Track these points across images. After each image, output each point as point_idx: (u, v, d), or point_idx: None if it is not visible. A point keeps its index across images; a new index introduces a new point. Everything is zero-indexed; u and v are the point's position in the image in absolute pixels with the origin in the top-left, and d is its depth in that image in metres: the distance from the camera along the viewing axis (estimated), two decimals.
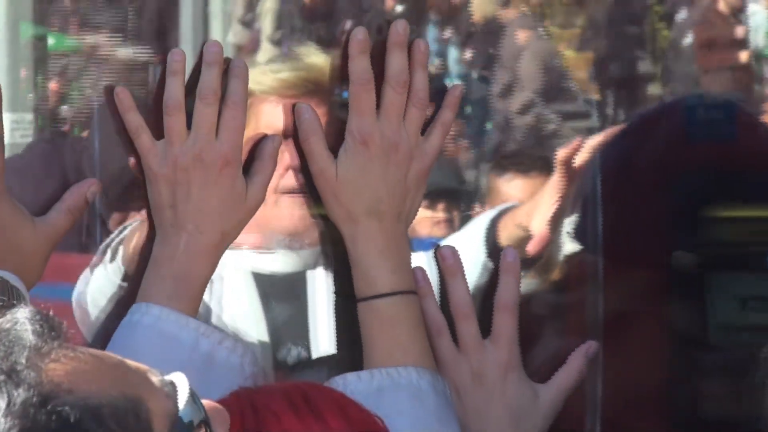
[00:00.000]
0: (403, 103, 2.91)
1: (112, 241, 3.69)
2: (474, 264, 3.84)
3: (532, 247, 3.82)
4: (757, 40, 17.56)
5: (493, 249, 3.88)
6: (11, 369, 1.89)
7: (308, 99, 3.21)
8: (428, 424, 2.75)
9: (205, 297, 3.58)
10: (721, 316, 3.52)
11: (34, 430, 1.90)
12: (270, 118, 3.48)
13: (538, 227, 3.87)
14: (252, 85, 3.05)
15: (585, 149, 4.11)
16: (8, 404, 1.87)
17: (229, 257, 3.08)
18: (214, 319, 3.80)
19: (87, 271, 3.89)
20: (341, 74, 2.93)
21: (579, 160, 4.07)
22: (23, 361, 1.90)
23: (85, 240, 3.74)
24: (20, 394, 1.87)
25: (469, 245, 3.89)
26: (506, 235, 3.87)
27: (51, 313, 2.02)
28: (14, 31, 4.26)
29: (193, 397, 1.98)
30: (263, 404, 2.25)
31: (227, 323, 3.79)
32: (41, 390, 1.89)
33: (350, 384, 2.79)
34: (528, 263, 3.71)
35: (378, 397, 2.74)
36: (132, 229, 3.08)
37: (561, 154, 4.10)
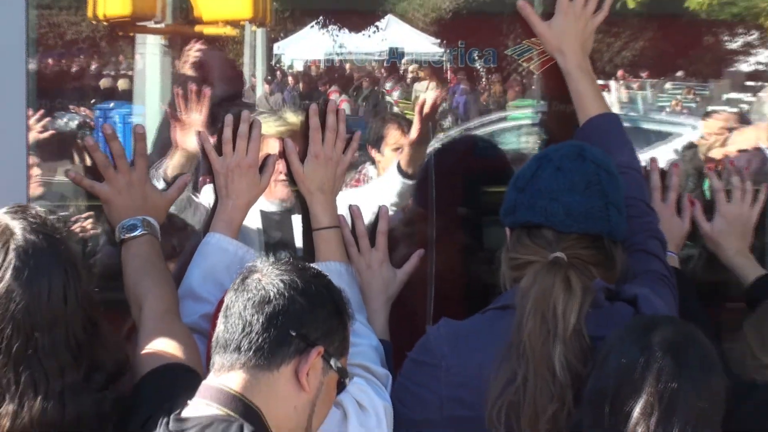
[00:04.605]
0: (334, 138, 2.88)
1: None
2: (393, 178, 3.80)
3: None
4: None
5: (401, 170, 3.81)
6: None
7: (293, 136, 3.14)
8: (346, 289, 2.70)
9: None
10: (487, 234, 3.50)
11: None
12: (272, 145, 3.36)
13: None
14: (265, 130, 3.05)
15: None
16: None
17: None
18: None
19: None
20: (306, 125, 2.89)
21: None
22: None
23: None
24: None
25: (392, 172, 3.85)
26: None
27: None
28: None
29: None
30: None
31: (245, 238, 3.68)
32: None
33: None
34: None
35: None
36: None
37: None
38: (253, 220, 3.60)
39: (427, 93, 3.78)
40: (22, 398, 2.08)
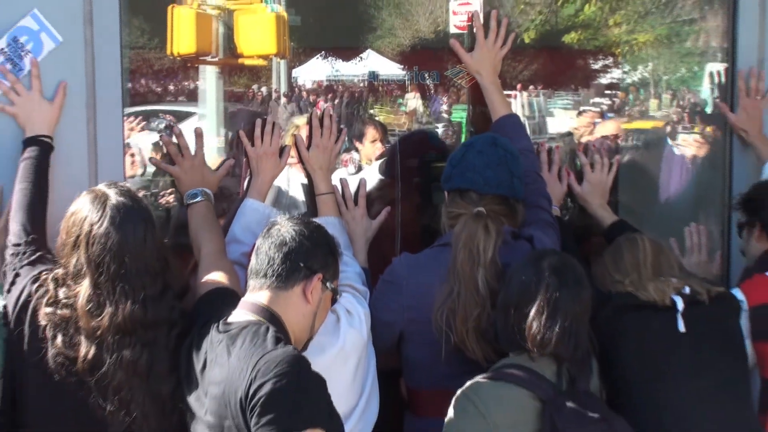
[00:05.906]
0: (329, 133, 2.78)
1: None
2: (375, 173, 3.59)
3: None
4: None
5: (384, 168, 3.55)
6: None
7: (305, 127, 3.01)
8: (338, 234, 2.57)
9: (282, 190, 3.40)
10: (434, 194, 3.38)
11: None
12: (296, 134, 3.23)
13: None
14: (299, 122, 2.92)
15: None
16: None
17: (293, 177, 2.90)
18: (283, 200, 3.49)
19: None
20: (311, 124, 2.80)
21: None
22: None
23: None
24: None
25: (374, 168, 3.66)
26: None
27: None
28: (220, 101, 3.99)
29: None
30: None
31: (293, 199, 3.51)
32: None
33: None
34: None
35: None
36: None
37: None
38: (299, 188, 3.47)
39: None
40: (118, 303, 2.08)
